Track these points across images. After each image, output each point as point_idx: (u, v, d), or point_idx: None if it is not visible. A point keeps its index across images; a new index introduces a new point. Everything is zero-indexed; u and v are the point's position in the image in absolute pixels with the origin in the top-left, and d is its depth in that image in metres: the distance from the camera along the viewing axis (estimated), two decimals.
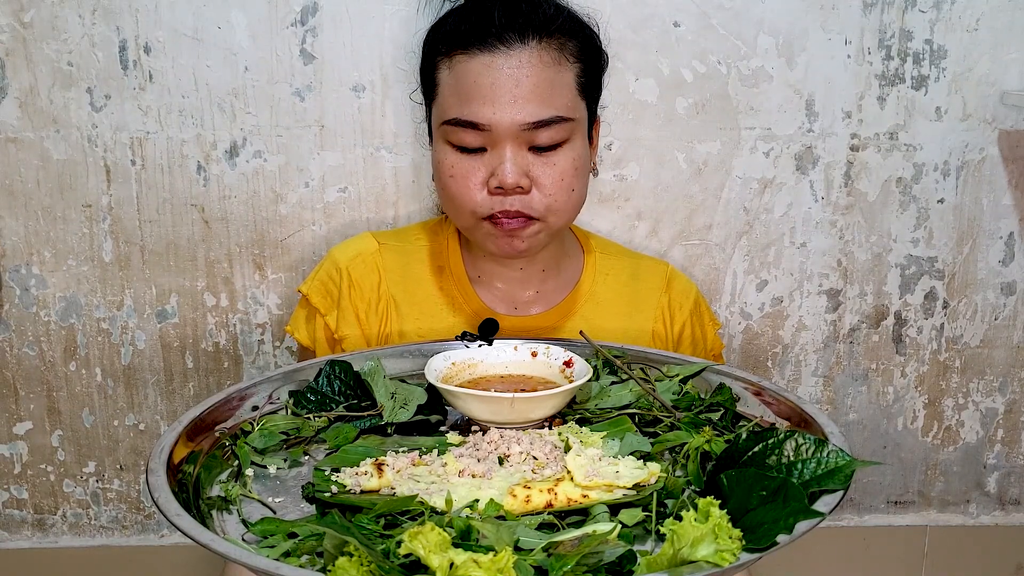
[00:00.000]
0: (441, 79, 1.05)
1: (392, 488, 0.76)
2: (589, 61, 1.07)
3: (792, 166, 1.32)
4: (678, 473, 0.78)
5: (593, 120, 1.10)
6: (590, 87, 1.08)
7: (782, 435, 0.72)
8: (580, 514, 0.72)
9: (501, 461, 0.79)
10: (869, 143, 1.32)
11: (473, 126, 1.01)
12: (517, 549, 0.64)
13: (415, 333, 1.12)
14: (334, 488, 0.76)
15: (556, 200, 1.04)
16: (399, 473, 0.77)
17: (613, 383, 0.95)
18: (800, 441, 0.71)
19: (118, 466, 1.40)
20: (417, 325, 1.13)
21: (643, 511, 0.71)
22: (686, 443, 0.81)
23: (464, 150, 1.03)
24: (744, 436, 0.74)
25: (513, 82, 1.00)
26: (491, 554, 0.59)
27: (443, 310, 1.13)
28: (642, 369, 0.97)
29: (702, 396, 0.93)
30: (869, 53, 1.28)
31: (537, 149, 1.03)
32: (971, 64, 1.29)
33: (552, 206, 1.04)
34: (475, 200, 1.03)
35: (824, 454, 0.70)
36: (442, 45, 1.05)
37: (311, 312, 1.15)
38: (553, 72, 1.02)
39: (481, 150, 1.03)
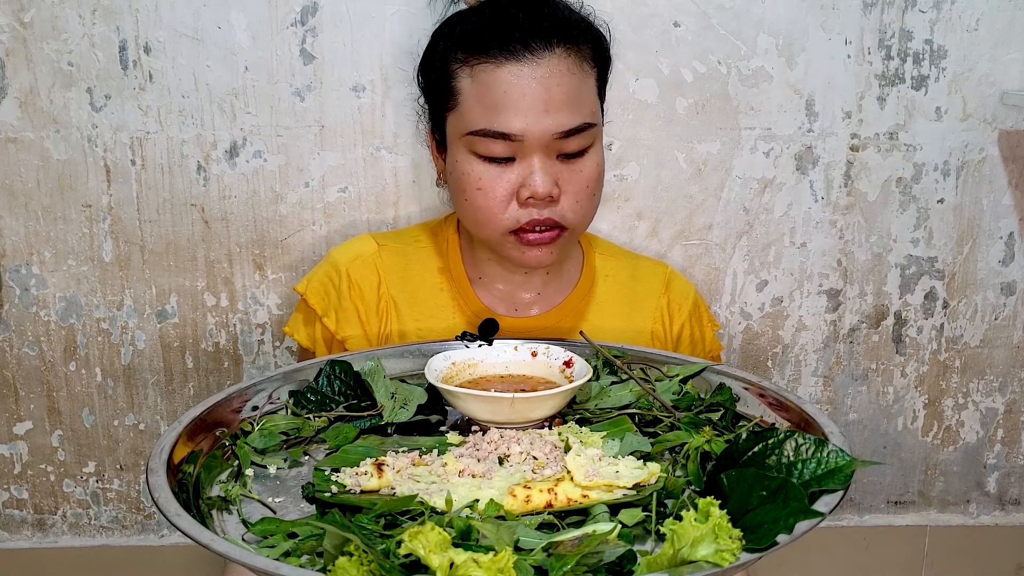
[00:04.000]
0: (462, 88, 1.02)
1: (392, 488, 0.76)
2: (602, 65, 1.07)
3: (792, 166, 1.32)
4: (678, 473, 0.79)
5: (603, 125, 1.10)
6: (603, 91, 1.08)
7: (782, 435, 0.72)
8: (580, 514, 0.72)
9: (501, 461, 0.79)
10: (869, 143, 1.32)
11: (504, 137, 0.99)
12: (517, 549, 0.64)
13: (415, 334, 1.12)
14: (334, 488, 0.76)
15: (582, 207, 1.04)
16: (399, 473, 0.77)
17: (613, 383, 0.95)
18: (800, 441, 0.71)
19: (118, 466, 1.40)
20: (417, 326, 1.12)
21: (643, 511, 0.71)
22: (686, 443, 0.81)
23: (492, 160, 1.01)
24: (744, 436, 0.74)
25: (544, 91, 0.99)
26: (491, 554, 0.59)
27: (443, 311, 1.13)
28: (642, 369, 0.97)
29: (702, 396, 0.92)
30: (869, 53, 1.28)
31: (565, 156, 1.02)
32: (971, 64, 1.29)
33: (579, 213, 1.04)
34: (504, 211, 1.02)
35: (824, 454, 0.70)
36: (460, 51, 1.03)
37: (309, 314, 1.15)
38: (579, 79, 1.02)
39: (509, 160, 1.01)
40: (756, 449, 0.72)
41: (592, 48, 1.05)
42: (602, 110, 1.09)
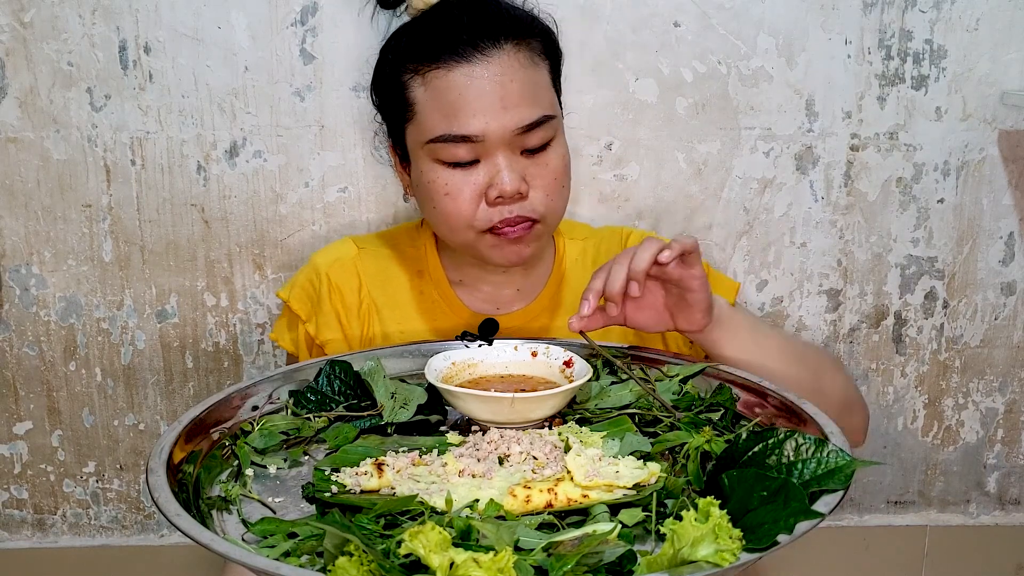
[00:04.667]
0: (417, 97, 1.02)
1: (392, 488, 0.76)
2: (553, 58, 1.07)
3: (792, 166, 1.32)
4: (678, 473, 0.78)
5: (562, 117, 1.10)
6: (557, 83, 1.08)
7: (782, 435, 0.72)
8: (580, 514, 0.72)
9: (501, 461, 0.79)
10: (869, 143, 1.32)
11: (465, 139, 0.99)
12: (517, 549, 0.64)
13: (398, 336, 1.12)
14: (334, 488, 0.76)
15: (553, 200, 1.04)
16: (399, 473, 0.77)
17: (613, 383, 0.95)
18: (800, 441, 0.71)
19: (118, 466, 1.40)
20: (399, 328, 1.12)
21: (643, 511, 0.71)
22: (686, 443, 0.81)
23: (456, 165, 1.01)
24: (744, 436, 0.73)
25: (499, 88, 0.99)
26: (491, 554, 0.59)
27: (425, 314, 1.13)
28: (642, 369, 0.97)
29: (702, 396, 0.92)
30: (869, 53, 1.28)
31: (528, 152, 1.02)
32: (971, 64, 1.29)
33: (550, 206, 1.04)
34: (474, 214, 1.02)
35: (824, 454, 0.70)
36: (409, 62, 1.03)
37: (293, 319, 1.15)
38: (533, 72, 1.02)
39: (473, 163, 1.01)
40: (756, 449, 0.72)
41: (541, 42, 1.05)
42: (560, 103, 1.09)
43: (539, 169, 1.02)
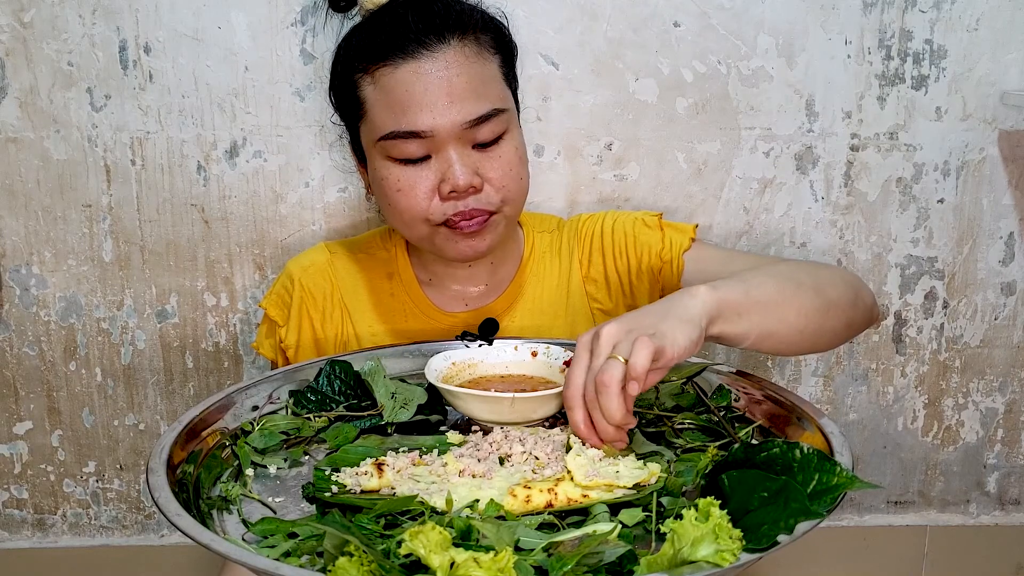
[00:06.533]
0: (367, 96, 1.03)
1: (392, 488, 0.76)
2: (505, 52, 1.07)
3: (792, 166, 1.32)
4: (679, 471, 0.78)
5: (519, 110, 1.10)
6: (511, 77, 1.08)
7: (784, 447, 0.71)
8: (580, 514, 0.72)
9: (501, 461, 0.79)
10: (869, 143, 1.32)
11: (414, 135, 1.00)
12: (517, 549, 0.64)
13: (369, 339, 1.13)
14: (334, 488, 0.76)
15: (508, 192, 1.03)
16: (399, 473, 0.77)
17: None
18: (801, 454, 0.70)
19: (118, 466, 1.40)
20: (370, 330, 1.13)
21: (643, 511, 0.71)
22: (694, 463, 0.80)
23: (408, 162, 1.01)
24: (744, 448, 0.73)
25: (445, 83, 0.99)
26: (491, 554, 0.59)
27: (395, 315, 1.14)
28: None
29: (703, 397, 0.92)
30: (869, 53, 1.28)
31: (481, 146, 1.02)
32: (971, 64, 1.29)
33: (506, 198, 1.03)
34: (428, 210, 1.02)
35: (824, 470, 0.69)
36: (359, 62, 1.03)
37: (271, 326, 1.16)
38: (480, 66, 1.02)
39: (425, 159, 1.01)
40: (758, 459, 0.71)
41: (491, 36, 1.05)
42: (516, 97, 1.08)
43: (492, 163, 1.02)
